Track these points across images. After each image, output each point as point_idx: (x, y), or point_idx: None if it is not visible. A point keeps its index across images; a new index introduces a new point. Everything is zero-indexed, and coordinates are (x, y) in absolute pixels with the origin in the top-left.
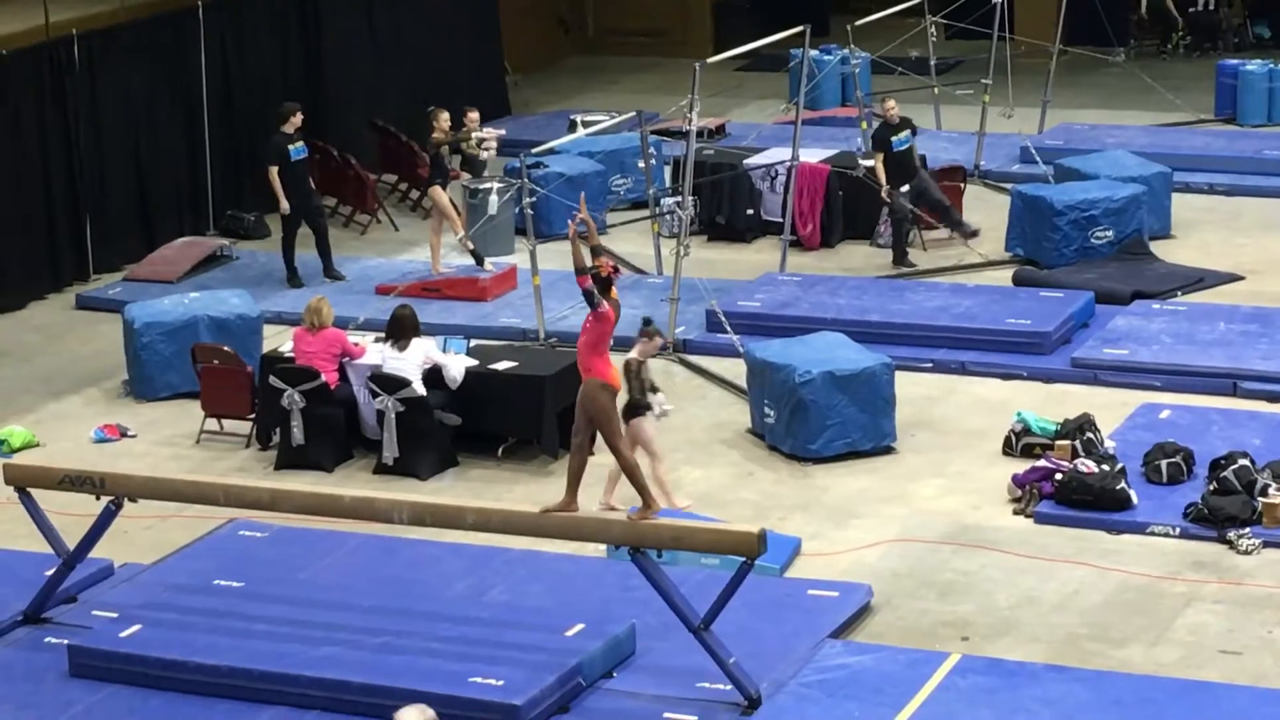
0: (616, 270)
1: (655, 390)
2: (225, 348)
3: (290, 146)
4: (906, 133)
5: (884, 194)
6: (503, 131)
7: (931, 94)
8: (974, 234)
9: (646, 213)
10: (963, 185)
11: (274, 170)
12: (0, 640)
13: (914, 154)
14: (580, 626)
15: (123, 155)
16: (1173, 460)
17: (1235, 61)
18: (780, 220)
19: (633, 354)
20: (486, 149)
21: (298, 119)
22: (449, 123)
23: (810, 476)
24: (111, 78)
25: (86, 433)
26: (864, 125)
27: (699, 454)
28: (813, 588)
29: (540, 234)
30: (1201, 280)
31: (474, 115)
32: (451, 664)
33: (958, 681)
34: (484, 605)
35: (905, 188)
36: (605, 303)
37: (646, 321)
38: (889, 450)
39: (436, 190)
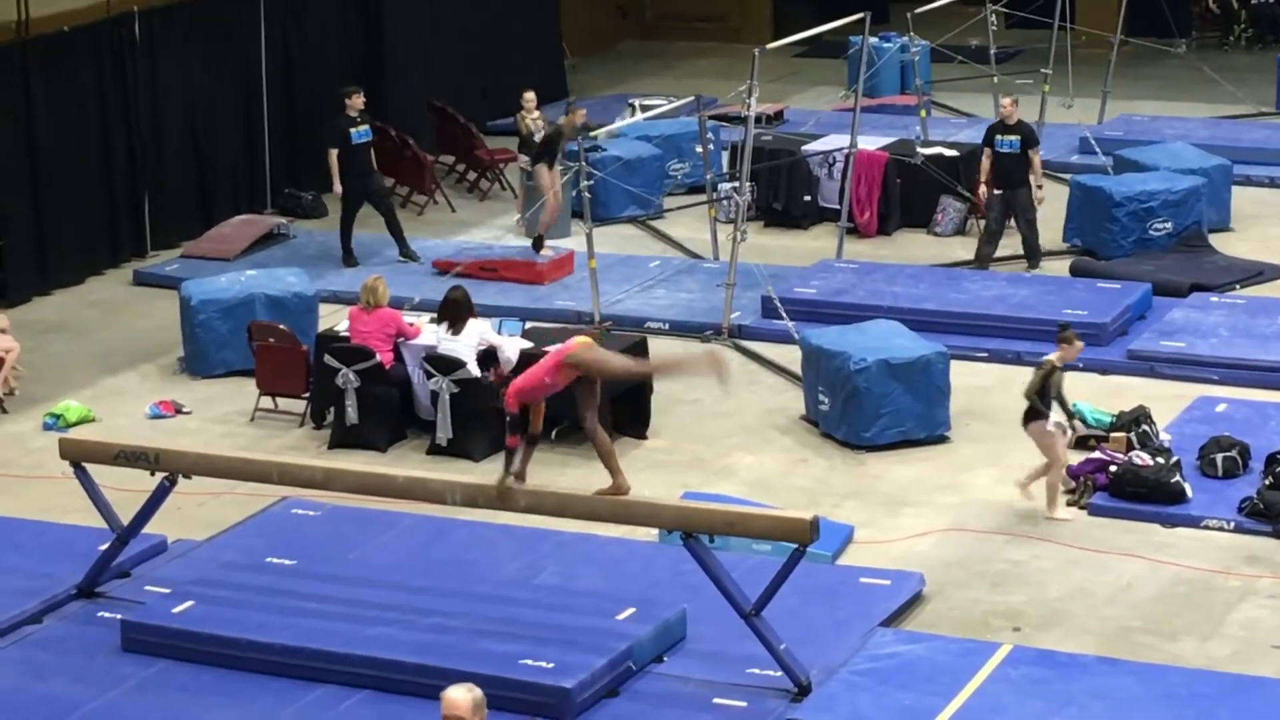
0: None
1: (1064, 406)
2: (281, 326)
3: (352, 129)
4: (1015, 138)
5: (979, 191)
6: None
7: (991, 83)
8: (1036, 267)
9: (703, 198)
10: None
11: (333, 153)
12: (54, 614)
13: (1019, 165)
14: (631, 610)
15: (182, 133)
16: (1228, 454)
17: None
18: (837, 207)
19: (1052, 356)
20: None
21: (358, 101)
22: (583, 119)
23: (863, 464)
24: (172, 56)
25: (142, 409)
26: (923, 114)
27: (752, 440)
28: (865, 576)
29: (597, 217)
30: (1260, 273)
31: (530, 95)
32: (502, 645)
33: (1009, 672)
34: (535, 588)
35: (998, 191)
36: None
37: (1063, 327)
38: (943, 439)
39: (543, 169)
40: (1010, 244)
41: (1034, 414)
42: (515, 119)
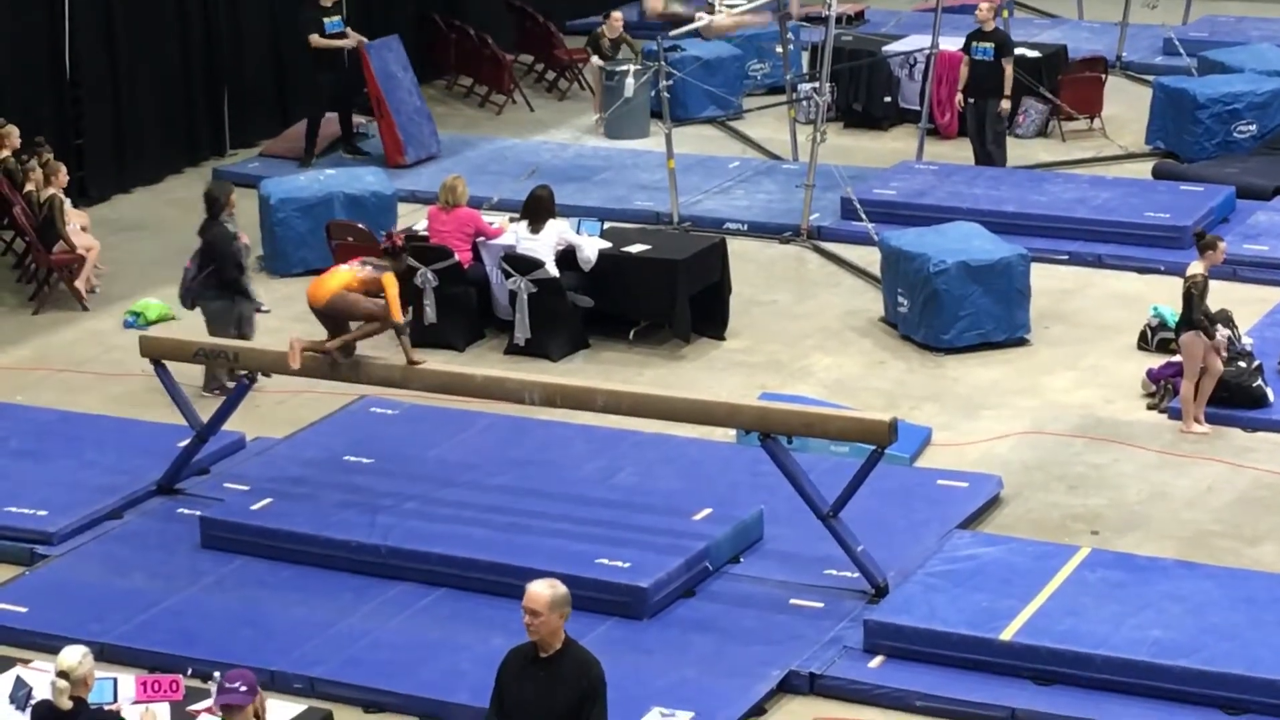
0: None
1: (1227, 322)
2: (360, 225)
3: (326, 19)
4: (989, 45)
5: (955, 99)
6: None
7: None
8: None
9: (783, 98)
10: (1104, 76)
11: (314, 35)
12: (134, 510)
13: (991, 74)
14: (708, 511)
15: (260, 31)
16: None
17: None
18: (918, 108)
19: (1199, 267)
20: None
21: None
22: None
23: (942, 366)
24: None
25: None
26: (1005, 14)
27: (831, 341)
28: (942, 478)
29: (676, 118)
30: None
31: (617, 15)
32: (579, 545)
33: (1086, 575)
34: (612, 487)
35: (971, 101)
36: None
37: (1200, 235)
38: (1022, 342)
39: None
40: (1095, 145)
41: (1190, 326)
42: (596, 33)
